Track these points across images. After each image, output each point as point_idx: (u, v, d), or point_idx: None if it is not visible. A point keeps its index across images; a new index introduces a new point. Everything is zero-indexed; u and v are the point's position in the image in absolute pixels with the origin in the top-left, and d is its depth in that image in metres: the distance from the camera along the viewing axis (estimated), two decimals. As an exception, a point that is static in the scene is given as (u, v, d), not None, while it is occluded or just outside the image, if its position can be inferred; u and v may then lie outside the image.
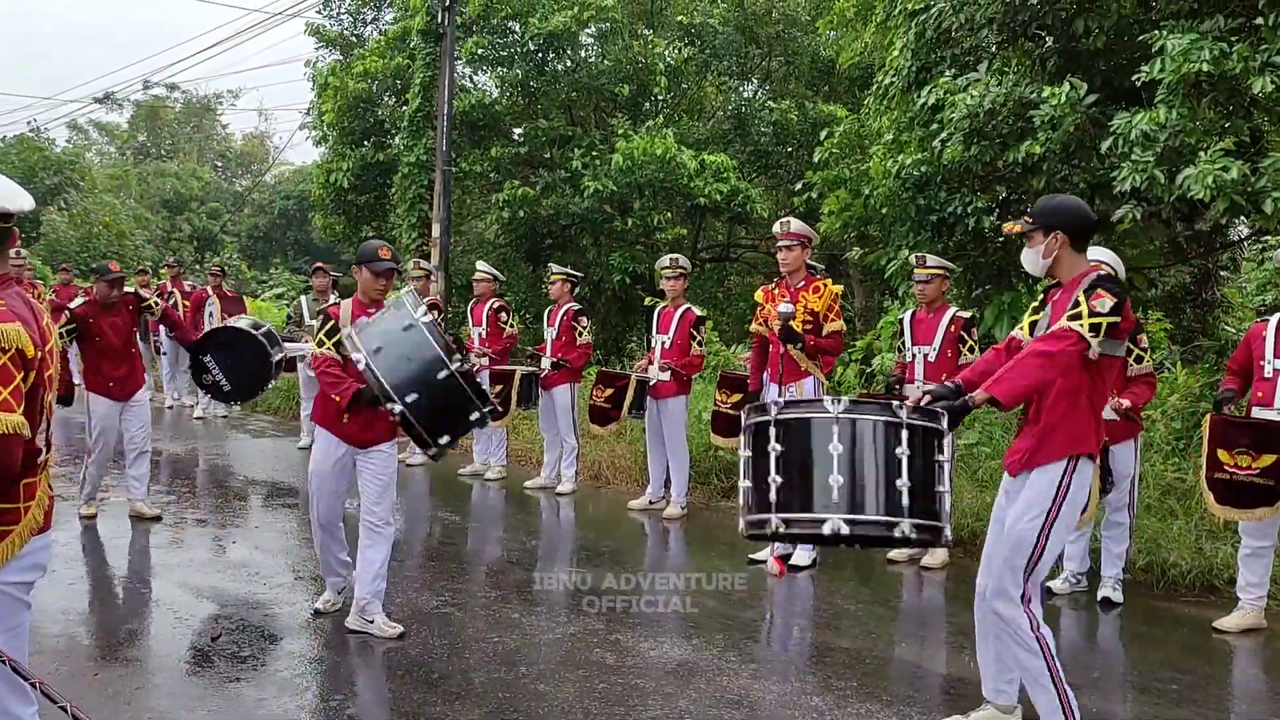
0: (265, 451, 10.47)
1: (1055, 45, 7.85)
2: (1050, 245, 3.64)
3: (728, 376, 7.72)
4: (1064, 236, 3.64)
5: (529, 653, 4.71)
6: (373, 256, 4.79)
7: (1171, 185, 6.40)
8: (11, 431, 2.41)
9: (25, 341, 2.48)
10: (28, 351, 2.48)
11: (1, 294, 2.53)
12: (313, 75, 17.04)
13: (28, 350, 2.48)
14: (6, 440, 2.41)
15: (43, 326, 2.63)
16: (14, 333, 2.45)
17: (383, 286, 4.85)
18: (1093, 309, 3.44)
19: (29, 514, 2.59)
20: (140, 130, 45.73)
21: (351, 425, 4.82)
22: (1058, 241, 3.64)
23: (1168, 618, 5.53)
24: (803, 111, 14.51)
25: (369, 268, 4.79)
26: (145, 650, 4.63)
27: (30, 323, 2.54)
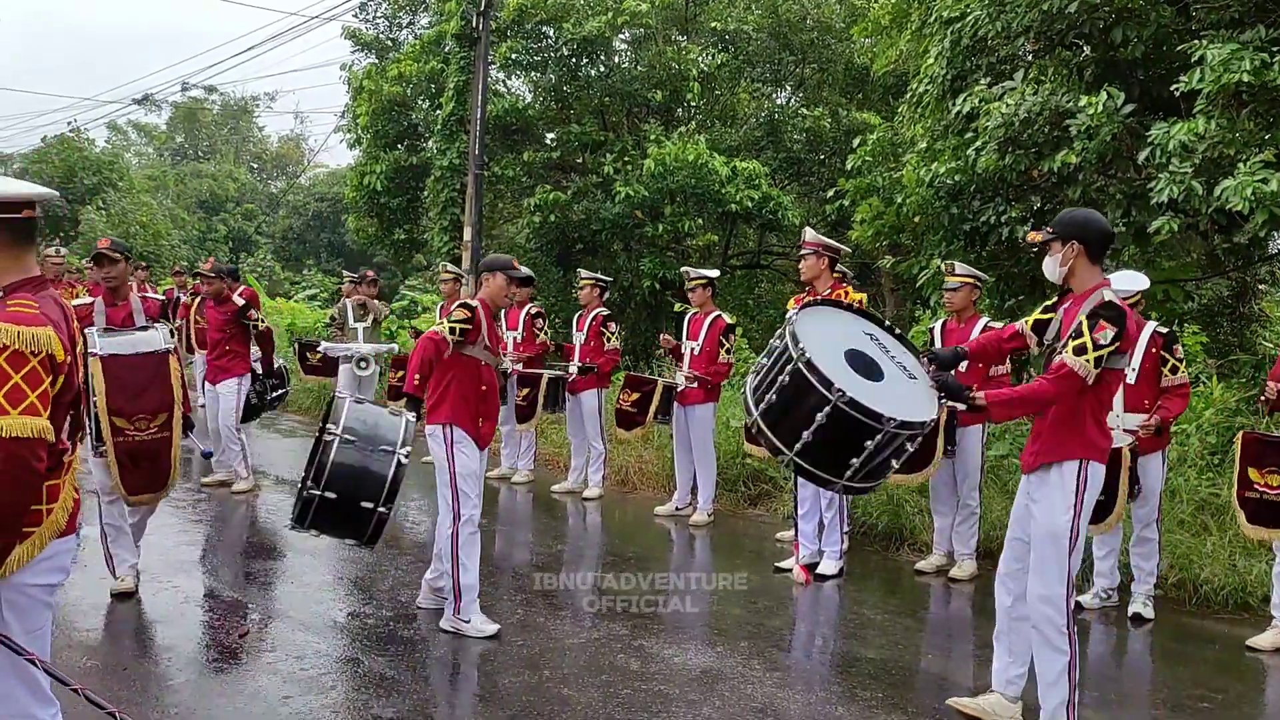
0: (295, 451, 10.55)
1: (1093, 54, 7.78)
2: (1067, 254, 3.83)
3: (759, 384, 7.70)
4: (1080, 247, 3.82)
5: (554, 657, 4.72)
6: (509, 265, 5.16)
7: (1210, 197, 6.33)
8: (36, 436, 2.40)
9: (56, 346, 2.48)
10: (58, 355, 2.48)
11: (35, 296, 2.52)
12: (348, 78, 17.22)
13: (58, 354, 2.48)
14: (32, 445, 2.39)
15: (72, 329, 2.63)
16: (45, 337, 2.45)
17: (510, 293, 5.33)
18: (1096, 342, 3.66)
19: (51, 516, 2.58)
20: (178, 131, 46.41)
21: (486, 427, 5.13)
22: (1074, 251, 3.83)
23: (1200, 635, 5.44)
24: (836, 119, 14.46)
25: (506, 274, 5.09)
26: (173, 647, 4.68)
27: (61, 326, 2.54)
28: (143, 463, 4.88)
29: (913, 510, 7.12)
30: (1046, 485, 3.85)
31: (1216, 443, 7.06)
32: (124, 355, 4.86)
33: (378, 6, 18.72)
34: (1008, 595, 4.02)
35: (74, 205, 26.04)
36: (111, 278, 5.31)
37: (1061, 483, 3.81)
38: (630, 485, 8.97)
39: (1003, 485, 7.11)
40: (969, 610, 5.85)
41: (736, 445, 8.13)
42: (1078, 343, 3.67)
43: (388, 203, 16.05)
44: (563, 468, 9.15)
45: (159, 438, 4.88)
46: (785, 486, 7.81)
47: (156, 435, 4.87)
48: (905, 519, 7.11)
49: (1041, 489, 3.86)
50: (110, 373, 4.79)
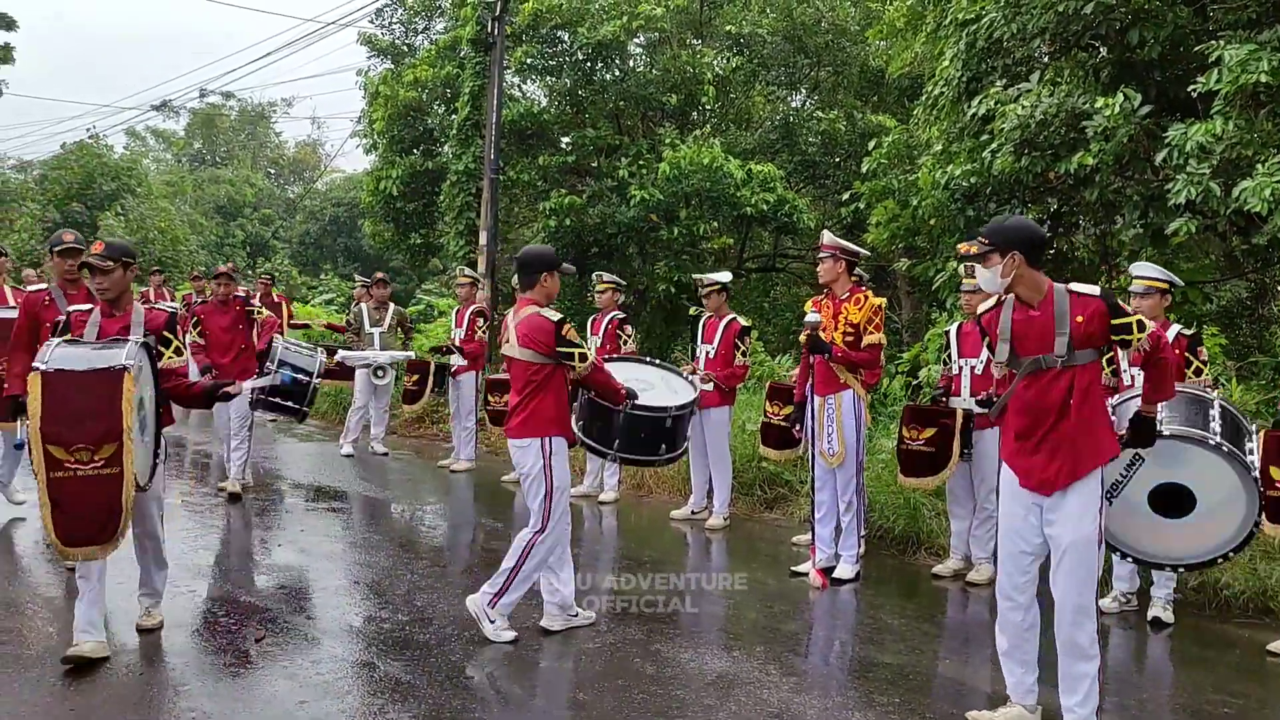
0: (311, 455, 10.62)
1: (1109, 55, 7.75)
2: (1008, 265, 3.84)
3: (777, 388, 7.70)
4: (1020, 256, 3.84)
5: (569, 661, 4.73)
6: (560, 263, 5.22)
7: (1228, 198, 6.29)
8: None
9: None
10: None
11: None
12: (364, 84, 17.31)
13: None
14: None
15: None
16: None
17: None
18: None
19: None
20: (196, 137, 46.76)
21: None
22: (1015, 261, 3.84)
23: (1220, 640, 5.40)
24: (851, 121, 14.44)
25: (562, 271, 5.14)
26: (189, 650, 4.71)
27: None
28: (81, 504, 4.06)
29: (930, 514, 7.09)
30: (1069, 502, 3.82)
31: (1237, 446, 6.99)
32: (72, 372, 4.09)
33: (394, 12, 18.80)
34: (1016, 610, 3.96)
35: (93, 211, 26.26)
36: (104, 289, 4.61)
37: (1086, 495, 3.81)
38: (646, 489, 8.97)
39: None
40: (987, 615, 5.81)
41: (752, 449, 8.12)
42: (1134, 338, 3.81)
43: (403, 207, 16.12)
44: (579, 471, 9.15)
45: (103, 474, 4.03)
46: (802, 490, 7.79)
47: (101, 470, 4.03)
48: (922, 523, 7.08)
49: (1062, 508, 3.83)
50: (51, 391, 4.01)
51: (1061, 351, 3.82)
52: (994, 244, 3.85)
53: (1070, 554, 3.80)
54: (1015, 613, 3.97)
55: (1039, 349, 3.88)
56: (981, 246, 3.90)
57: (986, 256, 3.88)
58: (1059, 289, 3.88)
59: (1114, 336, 3.81)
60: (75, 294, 5.75)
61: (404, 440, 11.57)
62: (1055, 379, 3.85)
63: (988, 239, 3.88)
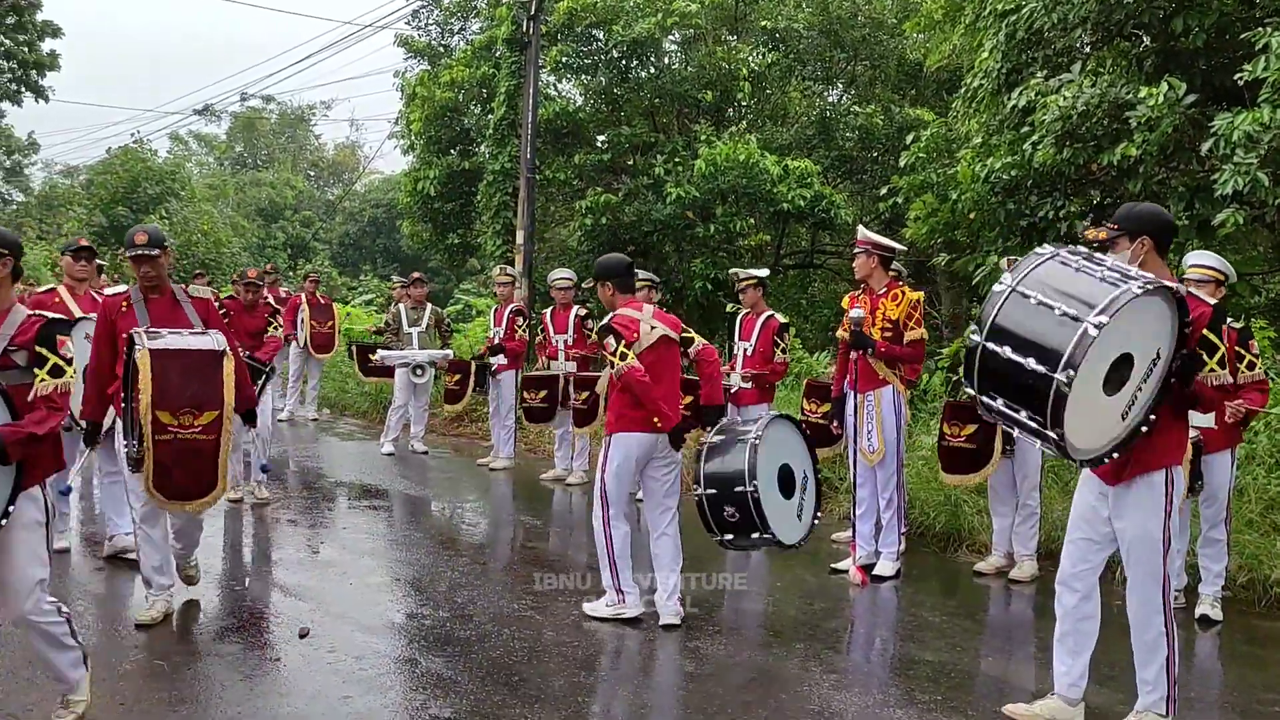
0: (353, 454, 10.73)
1: (1152, 44, 7.62)
2: (1137, 250, 3.77)
3: (814, 385, 7.67)
4: (1150, 242, 3.77)
5: (608, 658, 4.74)
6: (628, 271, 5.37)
7: (1276, 188, 6.17)
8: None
9: None
10: None
11: None
12: (401, 85, 17.44)
13: None
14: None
15: None
16: None
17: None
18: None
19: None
20: (237, 141, 47.42)
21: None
22: (1144, 247, 3.77)
23: (1270, 637, 5.30)
24: (888, 116, 14.31)
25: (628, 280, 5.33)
26: (235, 646, 4.78)
27: None
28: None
29: (971, 511, 7.03)
30: (1133, 496, 3.80)
31: (1287, 440, 6.86)
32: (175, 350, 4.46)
33: (430, 14, 18.92)
34: (1072, 595, 3.97)
35: (138, 215, 26.72)
36: (150, 277, 4.88)
37: (1150, 492, 3.78)
38: (685, 487, 8.94)
39: (1064, 485, 6.98)
40: (1030, 612, 5.76)
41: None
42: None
43: (441, 208, 16.22)
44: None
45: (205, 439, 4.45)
46: (842, 487, 7.75)
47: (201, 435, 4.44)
48: (964, 519, 7.02)
49: (1126, 500, 3.82)
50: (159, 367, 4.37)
51: None
52: (1124, 229, 3.81)
53: (1134, 550, 3.83)
54: (1071, 597, 3.98)
55: None
56: (1110, 232, 3.86)
57: (1115, 241, 3.83)
58: (1179, 288, 3.73)
59: (1197, 348, 3.68)
60: (82, 296, 5.89)
61: (443, 439, 11.66)
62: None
63: (1117, 224, 3.85)
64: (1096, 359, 3.35)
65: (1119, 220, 3.85)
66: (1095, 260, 3.53)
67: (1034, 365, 3.34)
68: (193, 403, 4.41)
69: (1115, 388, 3.49)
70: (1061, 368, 3.27)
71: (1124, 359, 3.47)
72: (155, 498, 4.55)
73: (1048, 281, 3.47)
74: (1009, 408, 3.48)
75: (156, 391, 4.35)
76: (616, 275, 5.26)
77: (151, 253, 4.81)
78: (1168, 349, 3.59)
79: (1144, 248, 3.76)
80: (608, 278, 5.26)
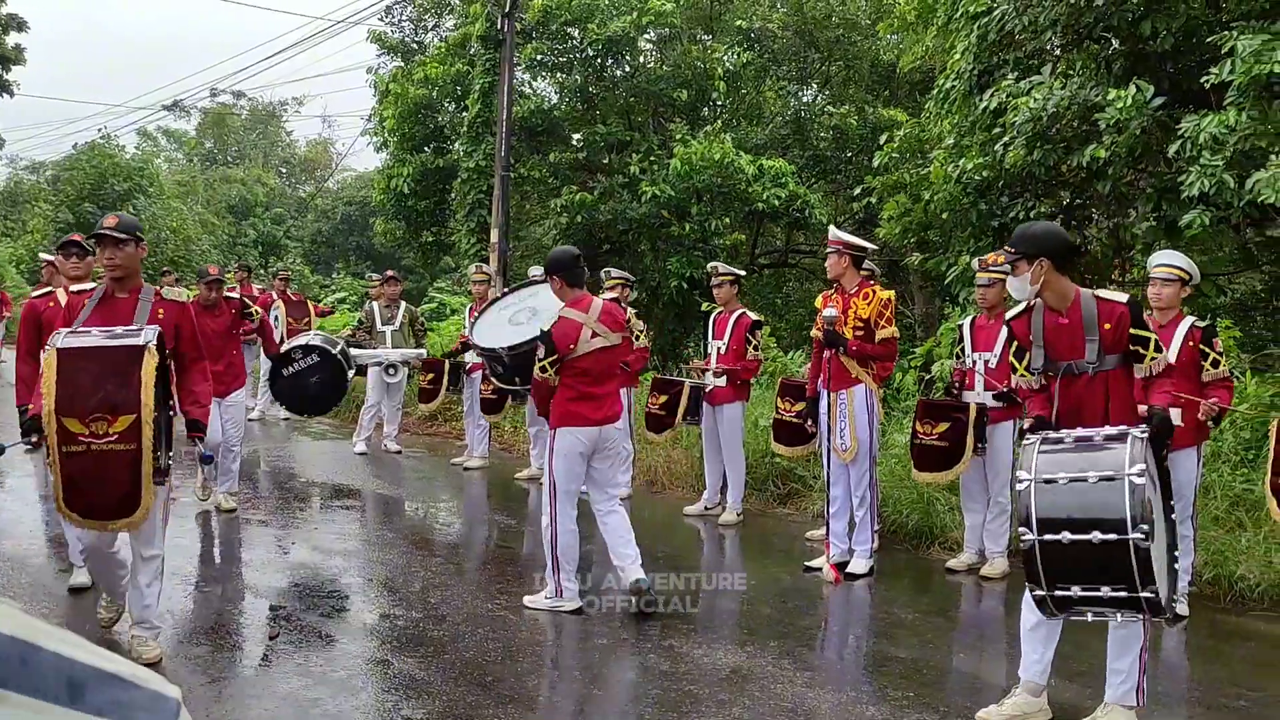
0: (325, 453, 10.66)
1: (1121, 47, 7.71)
2: (1036, 272, 3.91)
3: (789, 384, 7.70)
4: (1049, 262, 3.90)
5: (583, 657, 4.74)
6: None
7: (1241, 190, 6.25)
8: None
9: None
10: None
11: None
12: (374, 82, 17.36)
13: None
14: None
15: None
16: None
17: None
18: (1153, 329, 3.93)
19: None
20: (207, 137, 46.96)
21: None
22: (1043, 268, 3.90)
23: (1236, 632, 5.38)
24: (862, 116, 14.41)
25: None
26: (203, 649, 4.74)
27: None
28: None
29: (943, 508, 7.08)
30: None
31: (1251, 438, 6.96)
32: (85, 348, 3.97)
33: (403, 10, 18.87)
34: None
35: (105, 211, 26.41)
36: (115, 266, 4.37)
37: None
38: (659, 486, 8.97)
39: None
40: (1001, 609, 5.81)
41: (765, 444, 8.11)
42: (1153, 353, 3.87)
43: (415, 205, 16.16)
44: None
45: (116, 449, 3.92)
46: (815, 485, 7.79)
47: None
48: (936, 517, 7.07)
49: None
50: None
51: (1092, 357, 3.89)
52: (1022, 252, 3.93)
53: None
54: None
55: (1070, 354, 3.94)
56: (1009, 255, 3.98)
57: (1015, 265, 3.96)
58: (1085, 294, 3.94)
59: (1130, 345, 3.85)
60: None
61: (417, 438, 11.61)
62: (1089, 384, 3.91)
63: (1015, 247, 3.96)
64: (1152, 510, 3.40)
65: (1016, 244, 3.96)
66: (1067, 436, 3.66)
67: (1102, 536, 3.34)
68: (105, 407, 3.87)
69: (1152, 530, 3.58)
70: (1134, 527, 3.29)
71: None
72: (69, 517, 4.09)
73: (1060, 461, 3.53)
74: (1087, 590, 3.43)
75: (62, 396, 3.85)
76: (565, 268, 5.34)
77: (118, 235, 4.32)
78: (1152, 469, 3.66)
79: (1043, 268, 3.89)
80: (557, 271, 5.36)
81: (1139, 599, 3.36)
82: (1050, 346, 3.98)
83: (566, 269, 5.35)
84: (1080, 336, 3.90)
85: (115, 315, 4.31)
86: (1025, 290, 3.96)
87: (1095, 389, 3.90)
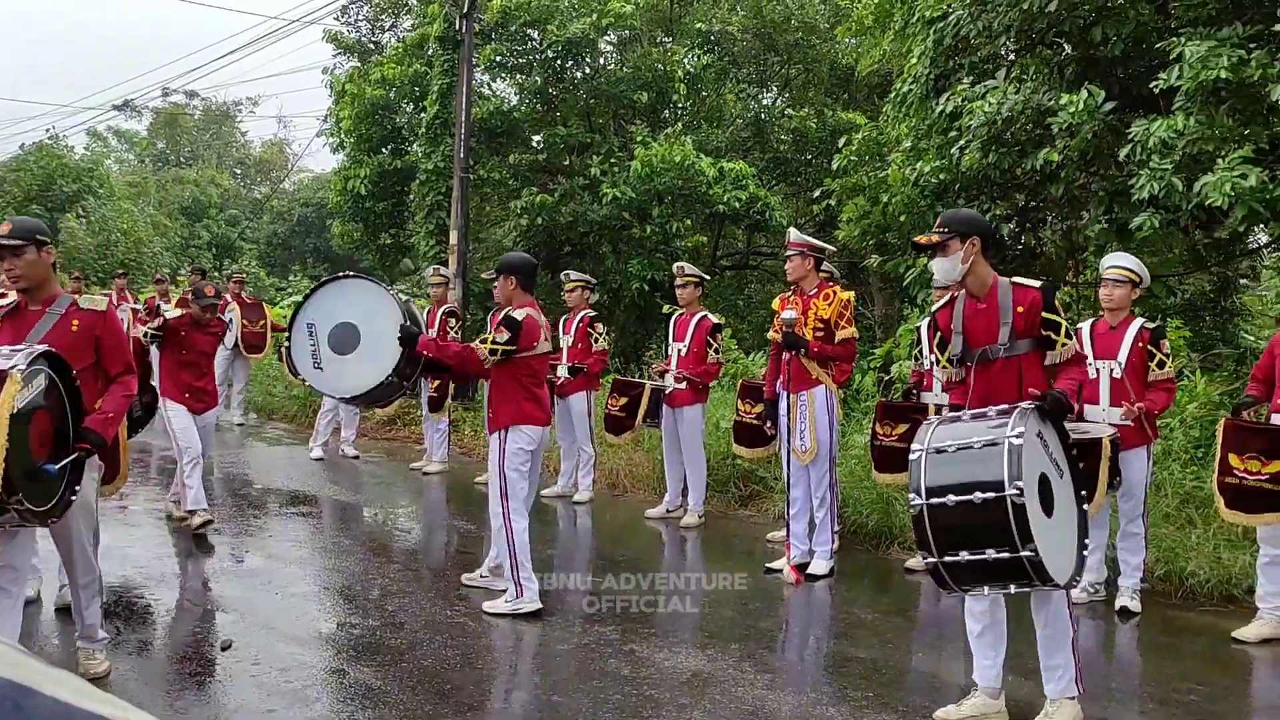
0: (281, 459, 10.52)
1: (1073, 53, 7.82)
2: (968, 252, 3.94)
3: (749, 385, 7.71)
4: (979, 242, 3.95)
5: (543, 663, 4.71)
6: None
7: (1190, 193, 6.36)
8: None
9: None
10: None
11: None
12: (330, 82, 17.17)
13: None
14: None
15: None
16: None
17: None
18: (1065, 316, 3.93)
19: None
20: (159, 137, 46.19)
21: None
22: (974, 247, 3.95)
23: (1186, 627, 5.47)
24: (821, 119, 14.50)
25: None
26: (154, 660, 4.66)
27: None
28: None
29: (902, 509, 7.12)
30: None
31: (1200, 436, 7.10)
32: None
33: (359, 9, 18.67)
34: (982, 601, 4.02)
35: (53, 213, 25.90)
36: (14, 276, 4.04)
37: None
38: (620, 488, 8.96)
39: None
40: (959, 608, 5.84)
41: (726, 446, 8.13)
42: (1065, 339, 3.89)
43: (373, 207, 15.99)
44: (553, 471, 9.14)
45: None
46: (776, 487, 7.82)
47: None
48: (895, 518, 7.12)
49: None
50: None
51: (1005, 341, 3.93)
52: (955, 230, 3.95)
53: None
54: (980, 603, 4.05)
55: (986, 340, 3.99)
56: (942, 235, 3.98)
57: (946, 244, 3.97)
58: (1003, 282, 3.99)
59: (1042, 330, 3.89)
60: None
61: (375, 442, 11.49)
62: (1003, 369, 3.94)
63: (947, 226, 3.98)
64: (1029, 471, 3.45)
65: (949, 223, 3.99)
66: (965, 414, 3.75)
67: (982, 496, 3.42)
68: None
69: (1050, 505, 3.60)
70: (1010, 484, 3.35)
71: (1044, 480, 3.60)
72: None
73: (953, 431, 3.63)
74: (974, 555, 3.48)
75: None
76: (521, 273, 5.44)
77: (13, 243, 3.97)
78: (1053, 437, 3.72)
79: (974, 248, 3.94)
80: (513, 272, 5.43)
81: (1021, 560, 3.40)
82: (969, 334, 4.02)
83: (525, 274, 5.45)
84: (996, 321, 3.94)
85: (22, 328, 4.04)
86: (955, 270, 3.99)
87: (1008, 374, 3.93)
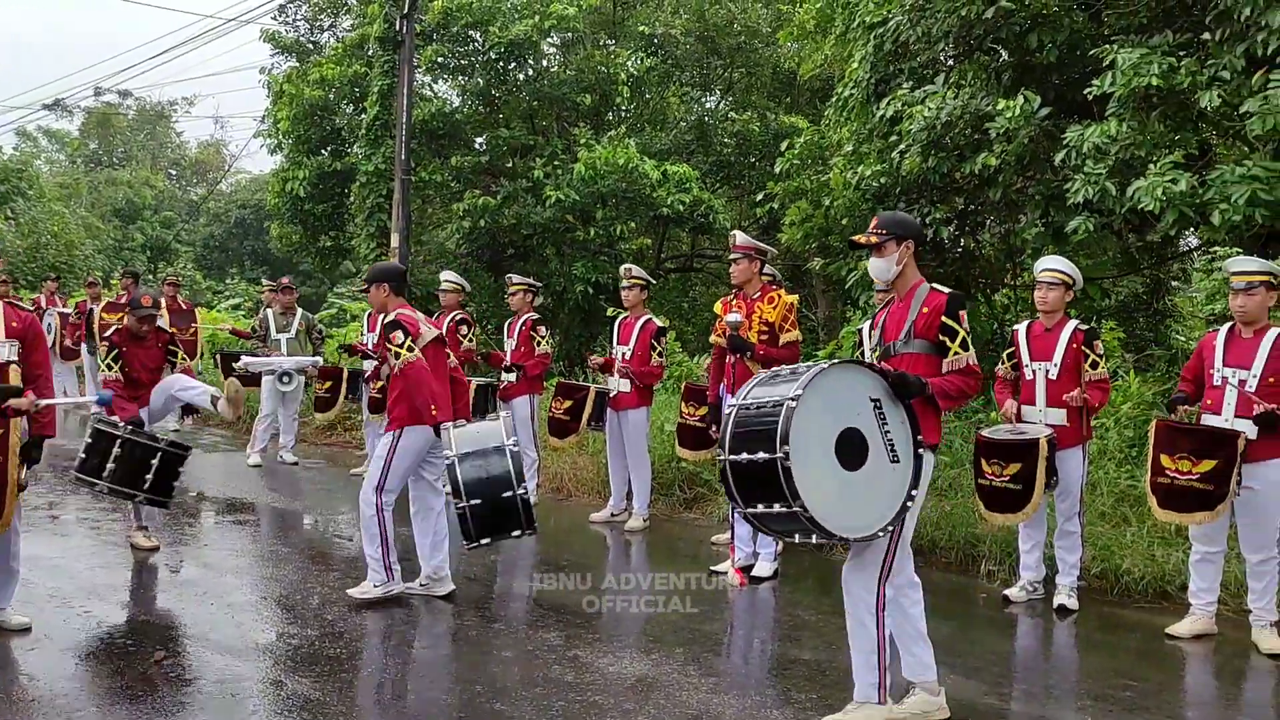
0: (217, 466, 10.29)
1: (1009, 59, 7.94)
2: (904, 253, 4.04)
3: (693, 389, 7.71)
4: (913, 245, 4.06)
5: (486, 670, 4.65)
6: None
7: (1123, 197, 6.49)
8: None
9: None
10: None
11: None
12: (268, 82, 16.84)
13: None
14: None
15: None
16: None
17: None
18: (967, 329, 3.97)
19: None
20: (91, 137, 44.97)
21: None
22: (909, 250, 4.05)
23: (1122, 624, 5.58)
24: (764, 122, 14.58)
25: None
26: (85, 674, 4.50)
27: None
28: None
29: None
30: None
31: (1134, 436, 7.25)
32: None
33: (297, 9, 18.38)
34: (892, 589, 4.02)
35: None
36: None
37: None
38: (565, 492, 8.91)
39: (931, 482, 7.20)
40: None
41: (670, 449, 8.12)
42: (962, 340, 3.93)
43: (312, 209, 15.71)
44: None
45: None
46: (720, 490, 7.82)
47: None
48: (837, 519, 7.15)
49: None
50: None
51: (903, 338, 4.01)
52: (893, 233, 4.03)
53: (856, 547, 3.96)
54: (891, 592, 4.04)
55: (894, 337, 4.07)
56: (879, 236, 4.05)
57: (883, 245, 4.05)
58: (924, 285, 4.07)
59: (939, 335, 3.94)
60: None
61: (315, 448, 11.30)
62: (899, 366, 3.94)
63: (885, 229, 4.05)
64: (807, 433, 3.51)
65: (886, 225, 4.07)
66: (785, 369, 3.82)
67: (763, 456, 3.51)
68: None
69: (860, 459, 3.62)
70: (779, 447, 3.45)
71: (852, 434, 3.62)
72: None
73: (758, 387, 3.75)
74: (767, 508, 3.57)
75: None
76: (393, 279, 5.79)
77: None
78: (882, 391, 3.72)
79: (909, 250, 4.04)
80: (385, 280, 5.75)
81: (796, 514, 3.47)
82: (885, 330, 4.12)
83: (396, 280, 5.81)
84: (904, 319, 4.03)
85: None
86: (890, 271, 4.07)
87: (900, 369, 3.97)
